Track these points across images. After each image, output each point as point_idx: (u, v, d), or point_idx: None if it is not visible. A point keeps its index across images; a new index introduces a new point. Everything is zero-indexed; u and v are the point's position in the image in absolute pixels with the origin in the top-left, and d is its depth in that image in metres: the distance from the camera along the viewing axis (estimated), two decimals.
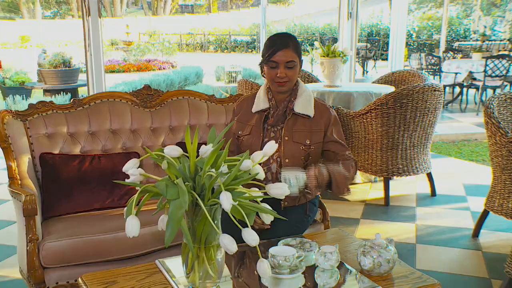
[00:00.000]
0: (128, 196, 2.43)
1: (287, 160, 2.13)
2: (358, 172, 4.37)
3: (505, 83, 7.75)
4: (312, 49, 4.56)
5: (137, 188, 1.45)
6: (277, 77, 2.10)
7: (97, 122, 2.62)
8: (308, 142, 2.15)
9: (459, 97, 8.42)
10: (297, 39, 2.21)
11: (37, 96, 8.95)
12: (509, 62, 7.47)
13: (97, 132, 2.63)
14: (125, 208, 1.42)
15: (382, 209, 3.82)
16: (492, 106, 2.95)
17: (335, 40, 7.54)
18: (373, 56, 14.49)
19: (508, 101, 3.14)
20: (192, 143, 1.45)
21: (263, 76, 2.23)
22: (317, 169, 2.00)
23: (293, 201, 2.19)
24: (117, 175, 2.32)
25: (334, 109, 2.62)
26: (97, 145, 2.61)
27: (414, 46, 19.97)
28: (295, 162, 2.13)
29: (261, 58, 2.18)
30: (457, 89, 8.59)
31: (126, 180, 1.48)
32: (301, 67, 2.19)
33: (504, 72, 7.45)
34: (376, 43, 16.05)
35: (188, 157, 1.47)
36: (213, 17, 37.56)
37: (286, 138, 2.14)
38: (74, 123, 2.57)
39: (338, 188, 2.05)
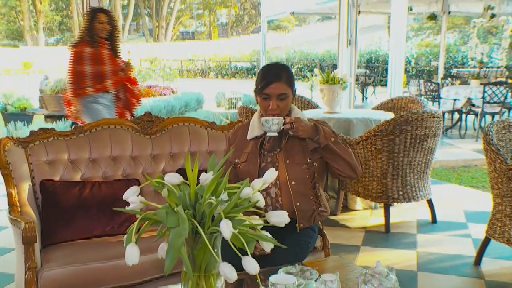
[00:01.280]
0: (128, 223, 2.42)
1: (293, 183, 2.15)
2: (358, 199, 4.37)
3: (503, 109, 7.80)
4: (312, 75, 4.61)
5: (137, 215, 1.45)
6: (269, 108, 2.13)
7: (98, 149, 2.64)
8: (310, 160, 2.16)
9: (458, 123, 8.46)
10: (291, 69, 2.25)
11: (38, 122, 9.00)
12: (507, 89, 7.53)
13: (98, 159, 2.64)
14: (125, 236, 1.41)
15: (383, 236, 3.80)
16: (491, 133, 2.97)
17: (334, 66, 7.62)
18: (373, 82, 14.62)
19: (507, 128, 3.16)
20: (192, 170, 1.46)
21: (257, 102, 2.26)
22: (296, 118, 2.12)
23: (308, 221, 2.20)
24: (117, 202, 2.30)
25: None
26: (98, 172, 2.62)
27: (413, 73, 20.18)
28: (302, 183, 2.16)
29: (254, 88, 2.21)
30: (456, 115, 8.64)
31: (126, 208, 1.48)
32: (294, 95, 2.23)
33: (502, 98, 7.50)
34: (375, 69, 16.22)
35: (188, 184, 1.48)
36: (214, 44, 38.02)
37: (288, 161, 2.16)
38: (75, 150, 2.59)
39: (325, 137, 2.10)
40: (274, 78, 2.12)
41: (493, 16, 9.85)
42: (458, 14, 11.84)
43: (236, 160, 2.25)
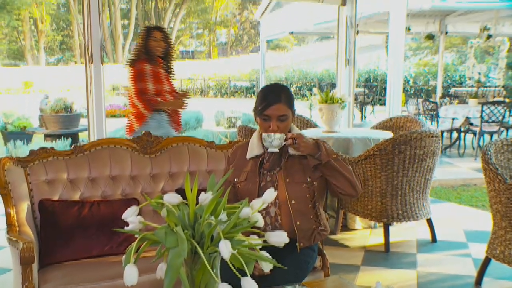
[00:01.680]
0: (127, 243, 2.41)
1: (293, 202, 2.15)
2: (358, 218, 4.36)
3: (502, 128, 7.82)
4: (311, 94, 4.64)
5: (136, 235, 1.45)
6: (269, 129, 2.15)
7: (97, 169, 2.64)
8: (309, 179, 2.17)
9: (457, 142, 8.48)
10: (290, 89, 2.27)
11: (38, 141, 9.01)
12: (505, 108, 7.57)
13: (97, 178, 2.64)
14: (124, 256, 1.41)
15: (383, 255, 3.78)
16: (489, 152, 2.98)
17: (333, 85, 7.69)
18: (371, 101, 14.69)
19: (505, 147, 3.17)
20: (191, 190, 1.47)
21: (256, 122, 2.28)
22: (298, 134, 2.13)
23: (308, 240, 2.20)
24: (116, 221, 2.30)
25: None
26: (97, 191, 2.62)
27: (411, 92, 20.28)
28: (302, 202, 2.17)
29: (254, 109, 2.23)
30: (455, 134, 8.67)
31: (125, 228, 1.48)
32: (293, 115, 2.25)
33: (500, 118, 7.54)
34: (374, 88, 16.32)
35: (187, 204, 1.48)
36: (214, 63, 38.28)
37: (288, 180, 2.17)
38: (74, 170, 2.59)
39: (326, 152, 2.12)
40: (274, 99, 2.14)
41: (489, 36, 9.97)
42: (455, 34, 11.97)
43: (235, 180, 2.26)
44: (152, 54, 3.96)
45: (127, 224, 1.50)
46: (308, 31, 11.79)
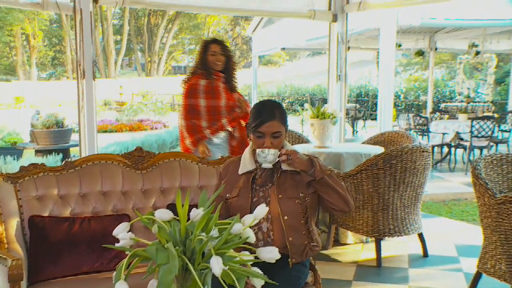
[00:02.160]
0: (117, 259, 2.39)
1: (286, 217, 2.15)
2: (350, 233, 4.36)
3: (491, 143, 7.90)
4: (303, 110, 4.67)
5: (127, 252, 1.44)
6: (263, 147, 2.15)
7: (88, 184, 2.63)
8: (302, 195, 2.17)
9: (448, 157, 8.53)
10: (283, 106, 2.29)
11: (28, 156, 8.95)
12: (494, 123, 7.65)
13: (88, 194, 2.63)
14: (114, 273, 1.40)
15: (374, 270, 3.78)
16: (479, 167, 3.00)
17: (325, 100, 7.74)
18: (363, 116, 14.79)
19: (494, 162, 3.20)
20: (183, 206, 1.47)
21: (249, 139, 2.29)
22: (292, 150, 2.14)
23: (300, 256, 2.19)
24: (107, 238, 2.29)
25: None
26: (88, 207, 2.60)
27: (402, 107, 20.44)
28: (295, 218, 2.17)
29: (247, 126, 2.25)
30: (445, 149, 8.73)
31: (116, 245, 1.48)
32: (286, 132, 2.26)
33: (489, 132, 7.61)
34: (365, 104, 16.45)
35: (179, 220, 1.48)
36: None
37: (280, 196, 2.17)
38: (65, 185, 2.58)
39: (320, 169, 2.12)
40: (268, 116, 2.15)
41: (477, 53, 10.12)
42: (444, 50, 12.14)
43: (227, 195, 2.26)
44: (211, 69, 3.80)
45: (118, 241, 1.49)
46: (300, 47, 11.90)
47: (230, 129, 3.90)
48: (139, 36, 43.65)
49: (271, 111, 2.18)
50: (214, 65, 3.79)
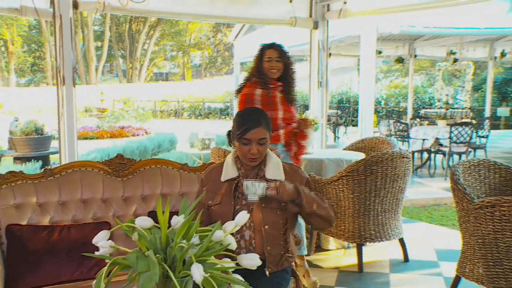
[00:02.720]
0: (98, 268, 2.36)
1: (266, 227, 2.15)
2: (331, 239, 4.38)
3: (470, 149, 8.03)
4: None
5: (106, 260, 1.43)
6: (249, 153, 2.16)
7: (68, 192, 2.60)
8: (284, 205, 2.17)
9: (428, 163, 8.65)
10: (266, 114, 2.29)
11: (6, 164, 8.80)
12: (472, 129, 7.79)
13: (68, 202, 2.59)
14: (94, 281, 1.39)
15: (356, 276, 3.80)
16: (457, 172, 3.05)
17: (306, 107, 7.79)
18: (344, 122, 14.90)
19: (472, 167, 3.26)
20: (163, 213, 1.46)
21: (230, 145, 2.30)
22: (280, 182, 2.09)
23: (276, 266, 2.19)
24: (87, 246, 2.26)
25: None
26: (67, 215, 2.57)
27: (383, 113, 20.68)
28: (274, 227, 2.17)
29: (232, 134, 2.25)
30: (425, 155, 8.85)
31: (96, 253, 1.47)
32: (270, 139, 2.27)
33: (467, 138, 7.74)
34: (346, 110, 16.58)
35: (159, 228, 1.47)
36: (187, 85, 38.33)
37: (263, 205, 2.16)
38: (44, 193, 2.54)
39: (307, 200, 2.12)
40: (254, 123, 2.17)
41: (455, 60, 10.31)
42: (423, 57, 12.34)
43: (209, 202, 2.25)
44: (266, 76, 3.43)
45: (98, 249, 1.48)
46: None
47: (283, 142, 3.50)
48: (121, 42, 43.40)
49: (256, 118, 2.19)
50: (270, 73, 3.42)
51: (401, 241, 4.11)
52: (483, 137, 9.28)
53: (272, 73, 3.41)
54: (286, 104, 3.50)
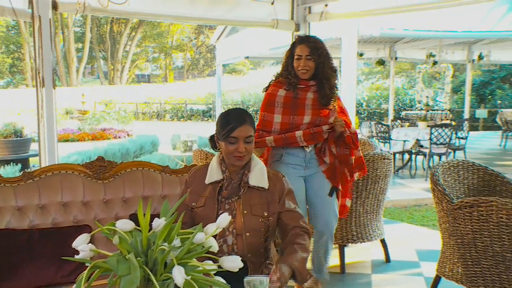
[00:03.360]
0: (78, 271, 2.34)
1: (247, 234, 2.14)
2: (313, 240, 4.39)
3: (449, 150, 8.15)
4: None
5: (87, 264, 1.42)
6: (237, 152, 2.14)
7: (48, 195, 2.56)
8: (266, 214, 2.17)
9: (409, 164, 8.75)
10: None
11: None
12: (451, 130, 7.90)
13: (47, 205, 2.56)
14: (74, 285, 1.38)
15: (338, 276, 3.82)
16: (437, 173, 3.09)
17: None
18: None
19: (452, 168, 3.31)
20: (144, 216, 1.45)
21: (214, 149, 2.28)
22: (278, 271, 1.95)
23: (257, 273, 2.18)
24: (67, 249, 2.24)
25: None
26: (47, 219, 2.54)
27: (365, 115, 20.87)
28: (255, 235, 2.15)
29: (216, 134, 2.23)
30: (406, 156, 8.95)
31: (76, 256, 1.45)
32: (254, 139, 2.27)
33: (447, 140, 7.86)
34: None
35: (141, 230, 1.46)
36: (170, 86, 38.16)
37: (245, 211, 2.15)
38: (22, 197, 2.50)
39: (302, 276, 2.06)
40: (240, 121, 2.15)
41: (435, 63, 10.46)
42: (404, 60, 12.48)
43: (193, 204, 2.23)
44: (296, 76, 3.00)
45: (78, 252, 1.46)
46: (264, 55, 11.98)
47: (308, 147, 3.03)
48: (102, 44, 43.00)
49: (241, 116, 2.18)
50: (299, 73, 2.98)
51: (383, 241, 4.15)
52: (462, 138, 9.42)
53: (301, 73, 2.97)
54: (319, 107, 2.99)
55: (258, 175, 2.21)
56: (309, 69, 2.95)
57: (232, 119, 2.16)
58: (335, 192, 3.10)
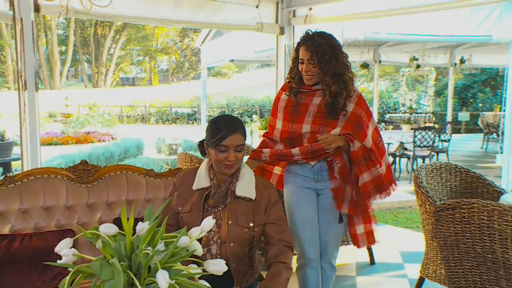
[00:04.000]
0: (61, 276, 2.31)
1: (232, 244, 2.12)
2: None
3: (433, 153, 8.24)
4: (252, 121, 4.71)
5: (69, 269, 1.40)
6: (227, 160, 2.12)
7: (30, 200, 2.53)
8: (252, 225, 2.16)
9: (393, 166, 8.82)
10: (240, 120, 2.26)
11: None
12: (434, 133, 8.00)
13: (29, 209, 2.53)
14: None
15: None
16: (420, 176, 3.13)
17: None
18: None
19: (435, 171, 3.35)
20: (128, 220, 1.44)
21: (203, 155, 2.26)
22: None
23: (242, 282, 2.18)
24: (50, 254, 2.21)
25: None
26: (29, 224, 2.50)
27: None
28: (240, 246, 2.14)
29: (206, 142, 2.20)
30: (391, 159, 9.03)
31: (58, 261, 1.43)
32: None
33: (431, 142, 7.94)
34: None
35: (124, 234, 1.45)
36: (155, 89, 37.99)
37: (230, 222, 2.14)
38: (3, 201, 2.47)
39: None
40: (232, 129, 2.13)
41: (418, 66, 10.58)
42: (388, 63, 12.60)
43: (179, 208, 2.21)
44: (299, 81, 2.68)
45: (61, 257, 1.45)
46: (248, 58, 12.00)
47: (311, 163, 2.66)
48: (86, 47, 42.63)
49: (233, 125, 2.16)
50: (305, 78, 2.63)
51: None
52: (445, 141, 9.53)
53: (306, 79, 2.62)
54: (325, 115, 2.59)
55: (246, 185, 2.20)
56: (313, 75, 2.58)
57: (223, 127, 2.14)
58: (342, 218, 2.68)
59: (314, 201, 2.70)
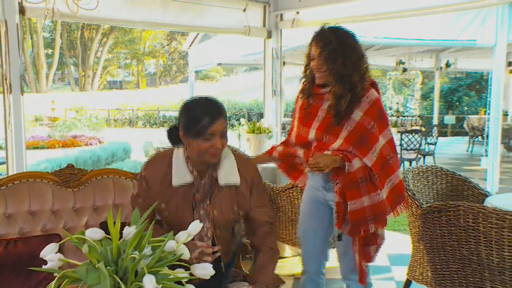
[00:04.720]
0: (47, 281, 2.28)
1: (218, 231, 2.10)
2: (287, 246, 4.41)
3: (419, 155, 8.31)
4: (239, 124, 4.71)
5: (55, 274, 1.39)
6: (213, 148, 1.91)
7: (15, 204, 2.50)
8: (236, 209, 2.11)
9: None
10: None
11: None
12: (421, 136, 8.07)
13: (14, 214, 2.50)
14: None
15: None
16: (407, 178, 3.15)
17: (262, 115, 7.85)
18: None
19: (421, 174, 3.37)
20: (115, 224, 1.43)
21: (174, 145, 2.06)
22: None
23: (228, 256, 2.20)
24: (35, 260, 2.18)
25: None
26: (14, 228, 2.48)
27: None
28: (226, 230, 2.15)
29: (184, 131, 1.95)
30: None
31: (44, 267, 1.42)
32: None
33: (417, 145, 8.01)
34: None
35: (111, 239, 1.44)
36: (142, 93, 37.85)
37: (215, 212, 2.07)
38: None
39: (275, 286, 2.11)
40: (215, 114, 1.89)
41: (405, 70, 10.69)
42: (375, 67, 12.69)
43: (162, 205, 2.03)
44: (311, 81, 2.49)
45: (47, 262, 1.43)
46: (236, 62, 12.00)
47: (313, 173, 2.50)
48: (72, 50, 42.36)
49: (216, 109, 1.92)
50: (316, 78, 2.44)
51: None
52: (431, 144, 9.62)
53: (317, 76, 2.41)
54: (329, 121, 2.39)
55: (228, 171, 2.05)
56: (322, 73, 2.36)
57: (205, 113, 1.89)
58: (342, 237, 2.50)
59: (323, 214, 2.56)
